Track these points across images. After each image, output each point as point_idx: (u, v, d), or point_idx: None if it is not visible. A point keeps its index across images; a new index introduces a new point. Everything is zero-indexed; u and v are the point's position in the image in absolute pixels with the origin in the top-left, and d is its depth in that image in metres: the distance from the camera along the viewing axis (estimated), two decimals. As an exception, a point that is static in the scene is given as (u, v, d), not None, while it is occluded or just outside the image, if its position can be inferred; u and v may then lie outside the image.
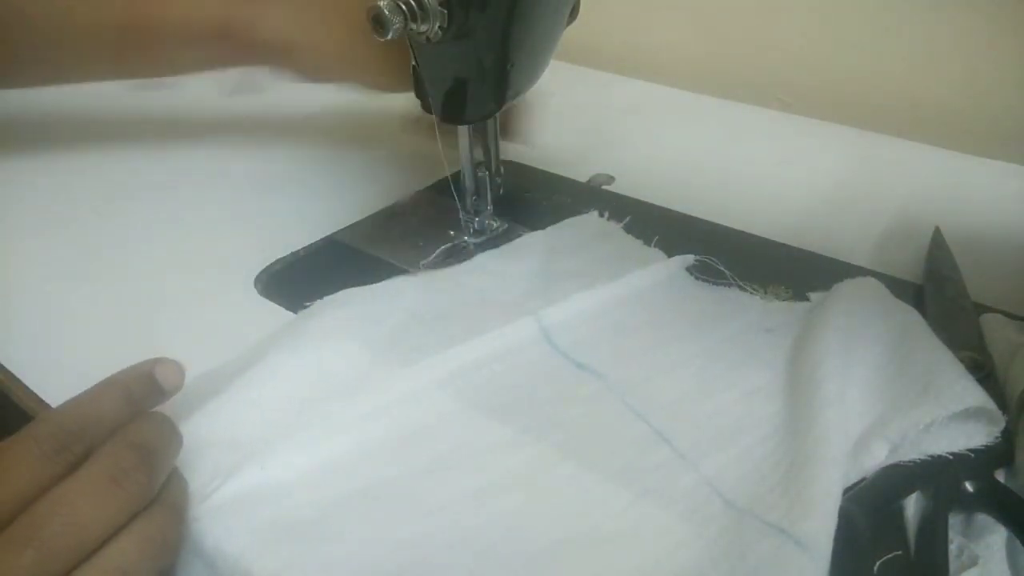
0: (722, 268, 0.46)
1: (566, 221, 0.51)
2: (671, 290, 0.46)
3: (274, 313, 0.46)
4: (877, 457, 0.33)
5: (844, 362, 0.37)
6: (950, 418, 0.33)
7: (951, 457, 0.33)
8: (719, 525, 0.31)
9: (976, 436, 0.33)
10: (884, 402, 0.36)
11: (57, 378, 0.41)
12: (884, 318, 0.40)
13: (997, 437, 0.33)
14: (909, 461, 0.33)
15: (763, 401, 0.38)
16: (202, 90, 0.68)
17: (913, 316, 0.40)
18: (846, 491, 0.33)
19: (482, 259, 0.46)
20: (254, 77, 0.56)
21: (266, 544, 0.30)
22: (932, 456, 0.33)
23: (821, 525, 0.29)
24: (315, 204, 0.57)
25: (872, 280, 0.43)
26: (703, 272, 0.47)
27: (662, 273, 0.46)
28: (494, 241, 0.51)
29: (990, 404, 0.33)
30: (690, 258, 0.48)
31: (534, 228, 0.52)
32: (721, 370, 0.40)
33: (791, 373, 0.39)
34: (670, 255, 0.48)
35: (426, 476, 0.34)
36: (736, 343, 0.41)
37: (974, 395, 0.33)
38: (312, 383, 0.37)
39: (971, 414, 0.33)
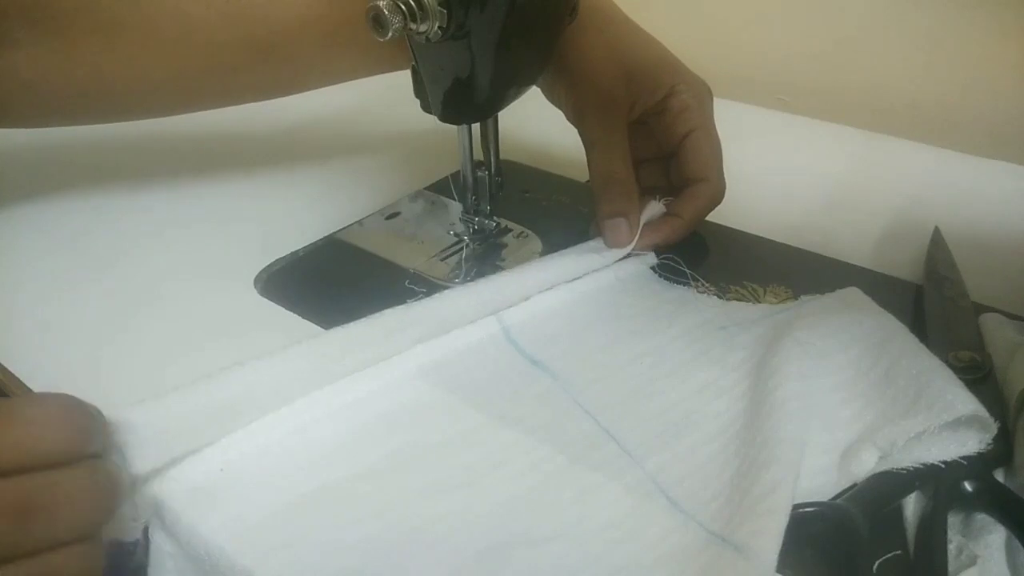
0: (684, 268, 0.47)
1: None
2: (631, 288, 0.46)
3: (274, 313, 0.46)
4: (867, 464, 0.34)
5: (808, 368, 0.37)
6: (942, 426, 0.33)
7: (943, 466, 0.33)
8: (662, 527, 0.32)
9: (968, 443, 0.33)
10: (873, 410, 0.36)
11: (56, 378, 0.41)
12: (862, 321, 0.40)
13: (989, 444, 0.33)
14: (901, 469, 0.33)
15: (710, 398, 0.38)
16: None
17: (895, 323, 0.40)
18: (841, 493, 0.33)
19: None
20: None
21: (231, 540, 0.31)
22: (924, 464, 0.33)
23: (766, 531, 0.29)
24: (315, 204, 0.57)
25: (853, 289, 0.43)
26: (667, 271, 0.47)
27: (624, 271, 0.47)
28: (493, 240, 0.51)
29: (981, 411, 0.33)
30: (652, 257, 0.48)
31: (533, 228, 0.52)
32: (671, 367, 0.40)
33: (744, 374, 0.39)
34: (670, 256, 0.48)
35: (379, 475, 0.34)
36: (687, 340, 0.42)
37: (965, 403, 0.33)
38: (275, 380, 0.37)
39: (963, 421, 0.33)
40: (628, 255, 0.47)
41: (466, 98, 0.44)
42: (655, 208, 0.48)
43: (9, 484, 0.25)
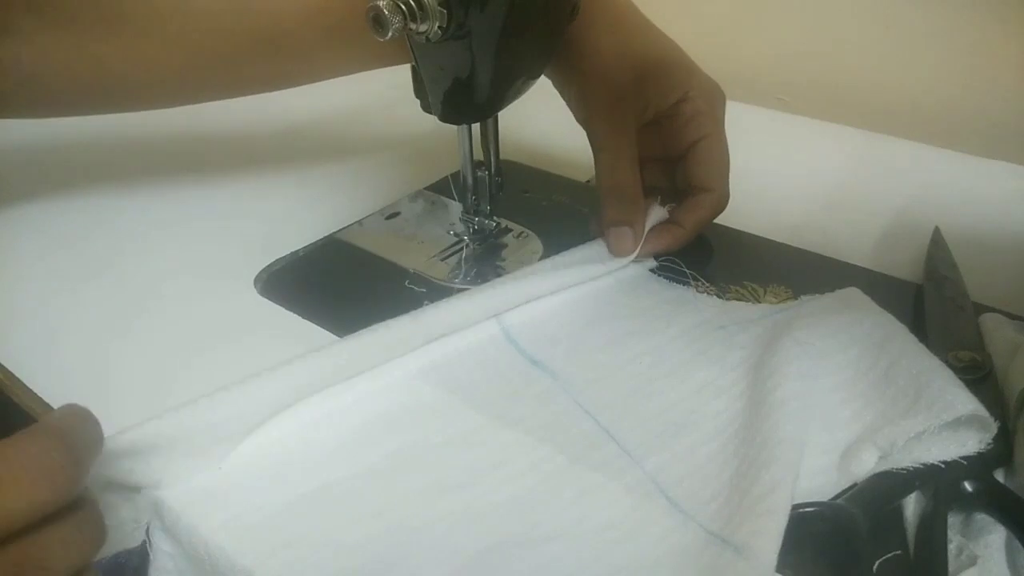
0: (684, 268, 0.47)
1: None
2: (630, 288, 0.46)
3: (274, 313, 0.46)
4: (867, 464, 0.34)
5: (807, 367, 0.37)
6: (942, 426, 0.33)
7: (943, 466, 0.33)
8: (662, 527, 0.32)
9: (968, 443, 0.33)
10: (873, 410, 0.36)
11: (57, 378, 0.41)
12: (862, 321, 0.40)
13: (989, 444, 0.33)
14: (901, 469, 0.33)
15: (709, 397, 0.38)
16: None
17: (895, 323, 0.40)
18: (841, 493, 0.33)
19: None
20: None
21: (231, 540, 0.31)
22: (924, 464, 0.33)
23: (765, 531, 0.29)
24: (315, 204, 0.57)
25: (853, 289, 0.43)
26: (666, 271, 0.47)
27: (624, 271, 0.47)
28: (493, 240, 0.51)
29: (981, 411, 0.33)
30: (651, 261, 0.48)
31: (533, 228, 0.52)
32: (670, 367, 0.40)
33: (743, 373, 0.39)
34: (669, 257, 0.48)
35: (379, 475, 0.34)
36: (686, 340, 0.42)
37: (965, 403, 0.33)
38: (279, 395, 0.36)
39: (963, 421, 0.33)
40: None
41: (466, 98, 0.44)
42: (659, 213, 0.48)
43: None
